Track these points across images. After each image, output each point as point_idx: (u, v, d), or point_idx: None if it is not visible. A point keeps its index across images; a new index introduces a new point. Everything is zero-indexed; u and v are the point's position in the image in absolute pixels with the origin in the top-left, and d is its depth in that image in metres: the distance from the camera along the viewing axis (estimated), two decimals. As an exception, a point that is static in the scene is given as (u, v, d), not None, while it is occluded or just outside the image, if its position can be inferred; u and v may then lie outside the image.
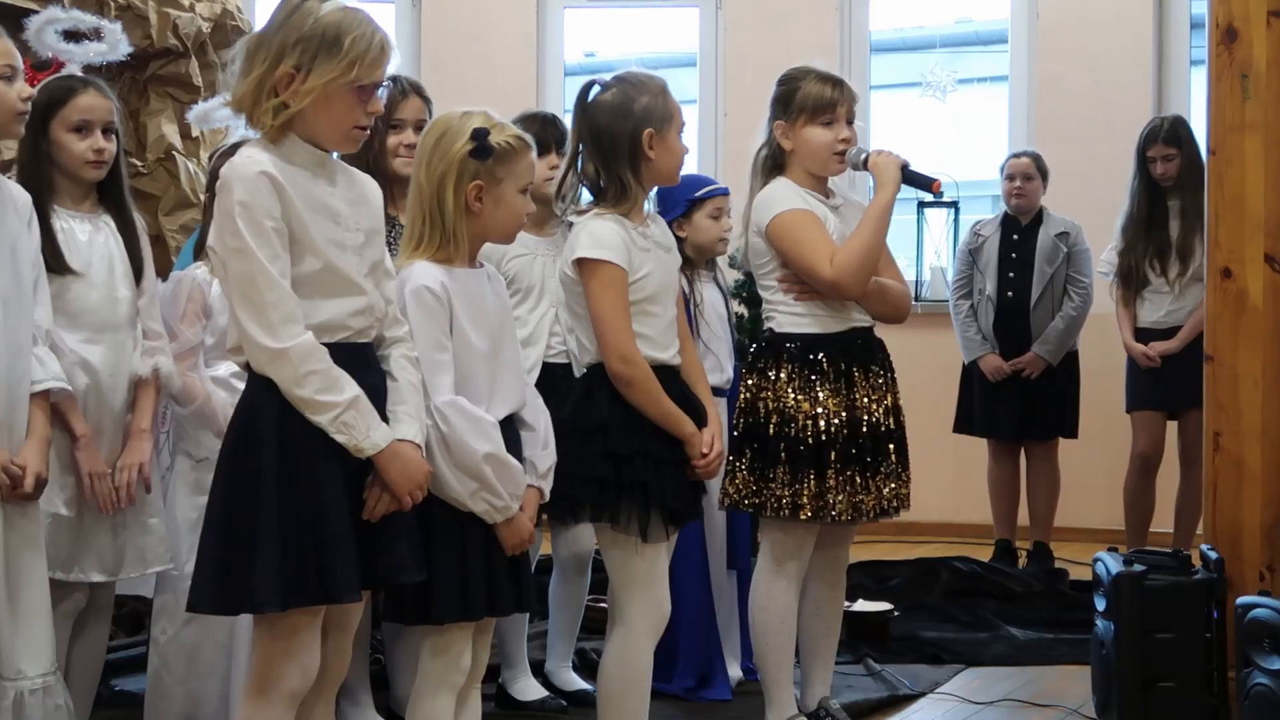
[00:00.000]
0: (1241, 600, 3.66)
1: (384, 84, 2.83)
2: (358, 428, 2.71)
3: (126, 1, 5.09)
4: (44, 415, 3.15)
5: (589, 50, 9.69)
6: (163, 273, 3.99)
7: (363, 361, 2.81)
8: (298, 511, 2.67)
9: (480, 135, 3.00)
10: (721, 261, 4.68)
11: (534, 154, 3.12)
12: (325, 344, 2.73)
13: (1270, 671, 3.48)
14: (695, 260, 4.45)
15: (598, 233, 3.33)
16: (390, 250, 3.10)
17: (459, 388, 2.95)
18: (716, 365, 4.39)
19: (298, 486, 2.67)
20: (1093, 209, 6.64)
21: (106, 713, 3.88)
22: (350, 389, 2.71)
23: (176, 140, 5.23)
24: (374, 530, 2.76)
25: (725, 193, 4.47)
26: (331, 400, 2.69)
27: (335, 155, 2.95)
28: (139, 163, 5.10)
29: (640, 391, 3.33)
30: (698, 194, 4.43)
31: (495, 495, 2.94)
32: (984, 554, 6.43)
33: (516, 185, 3.06)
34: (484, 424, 2.93)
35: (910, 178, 3.87)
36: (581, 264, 3.33)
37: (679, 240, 4.39)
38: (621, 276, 3.32)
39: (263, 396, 2.71)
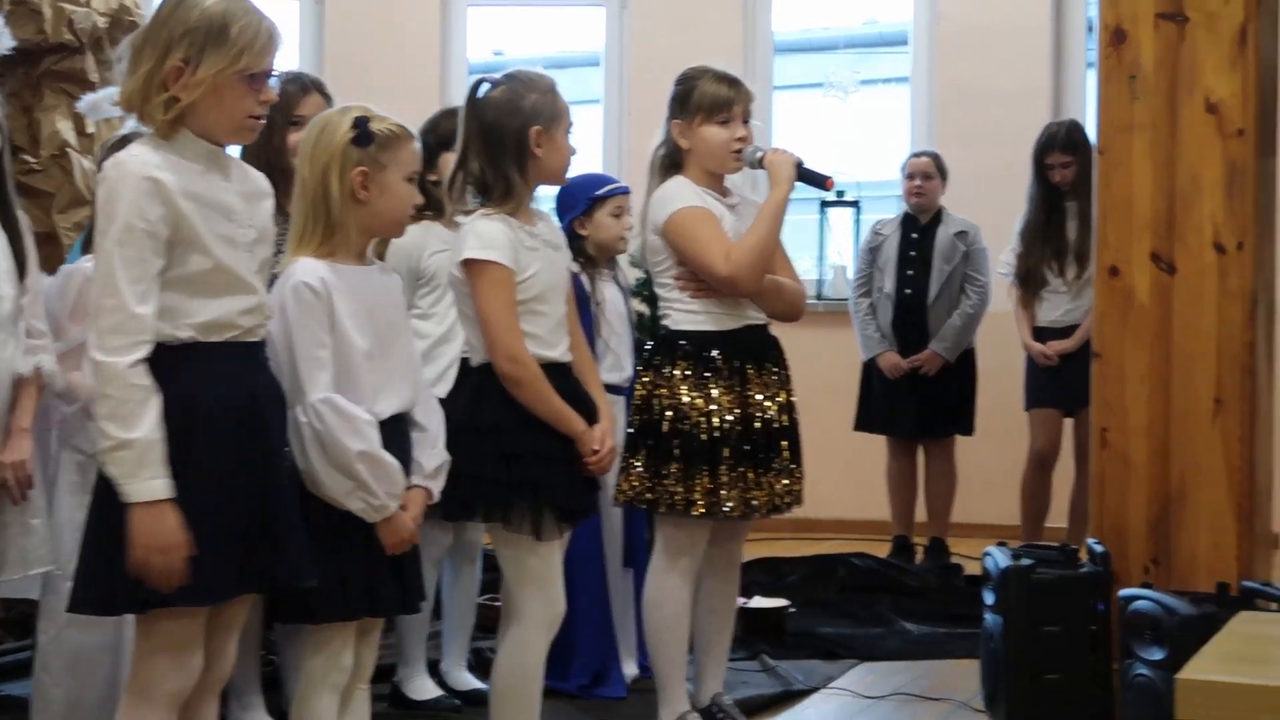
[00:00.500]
0: (1124, 592, 3.72)
1: (274, 73, 2.82)
2: (125, 468, 2.60)
3: (18, -4, 5.03)
4: None
5: (497, 49, 9.67)
6: (56, 270, 3.94)
7: (252, 361, 2.79)
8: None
9: (361, 123, 3.01)
10: (623, 260, 4.69)
11: (417, 144, 3.12)
12: (215, 342, 2.71)
13: (1151, 662, 3.53)
14: (597, 259, 4.47)
15: (484, 233, 3.33)
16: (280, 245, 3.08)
17: (340, 385, 2.94)
18: (616, 364, 4.41)
19: (177, 484, 2.63)
20: (991, 209, 6.72)
21: (-8, 717, 3.83)
22: (140, 430, 2.59)
23: (71, 137, 5.17)
24: (266, 531, 2.73)
25: (626, 191, 4.50)
26: (113, 432, 2.60)
27: (238, 150, 2.93)
28: (32, 159, 5.03)
29: (529, 391, 3.33)
30: (599, 193, 4.46)
31: (371, 494, 2.93)
32: (882, 550, 6.49)
33: (401, 172, 3.06)
34: (359, 422, 2.92)
35: (804, 175, 3.90)
36: (468, 265, 3.33)
37: (580, 239, 4.43)
38: (508, 276, 3.32)
39: None
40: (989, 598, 4.12)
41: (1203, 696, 2.46)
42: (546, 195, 4.11)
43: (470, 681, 4.43)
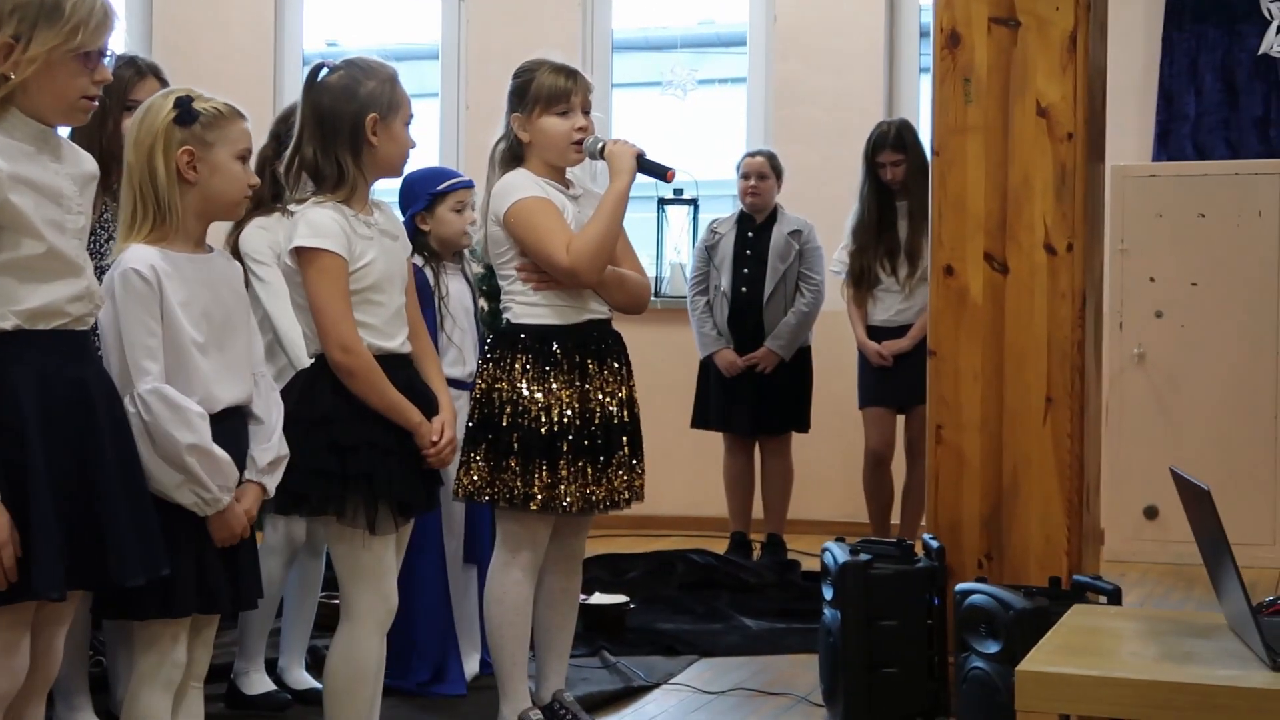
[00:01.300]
0: (960, 587, 3.78)
1: (109, 53, 2.74)
2: None
3: None
4: None
5: (331, 40, 9.53)
6: None
7: (80, 350, 2.71)
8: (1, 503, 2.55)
9: (183, 102, 2.94)
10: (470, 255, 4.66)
11: (246, 122, 3.03)
12: (41, 330, 2.63)
13: (985, 655, 3.60)
14: (440, 253, 4.43)
15: (315, 221, 3.28)
16: (111, 231, 3.00)
17: (170, 376, 2.86)
18: (459, 358, 4.38)
19: (2, 478, 2.54)
20: (827, 208, 6.82)
21: None
22: None
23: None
24: (94, 526, 2.65)
25: (469, 185, 4.47)
26: None
27: (67, 131, 2.84)
28: None
29: (362, 381, 3.28)
30: (440, 187, 4.44)
31: (203, 488, 2.86)
32: (720, 546, 6.53)
33: (231, 151, 2.98)
34: (189, 413, 2.84)
35: (645, 166, 3.90)
36: (299, 253, 3.28)
37: (423, 233, 4.38)
38: (340, 265, 3.27)
39: None
40: (828, 592, 4.16)
41: (1040, 688, 2.51)
42: (389, 188, 4.06)
43: (307, 680, 4.35)
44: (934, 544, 4.18)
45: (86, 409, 2.68)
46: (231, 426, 2.96)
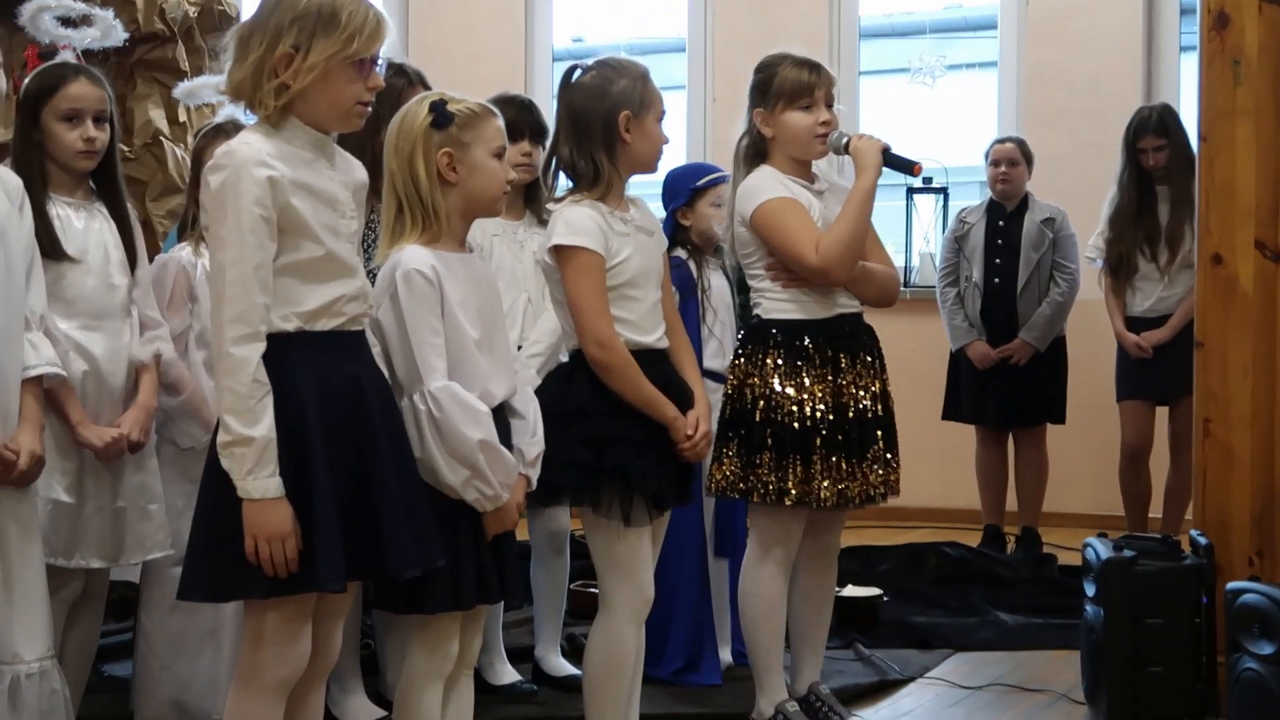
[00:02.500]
0: (1231, 585, 3.67)
1: (381, 60, 2.82)
2: (245, 464, 2.62)
3: (114, -15, 5.06)
4: (36, 400, 3.11)
5: (576, 36, 9.67)
6: (151, 258, 3.98)
7: (355, 350, 2.81)
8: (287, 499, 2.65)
9: (437, 106, 3.00)
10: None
11: (500, 121, 3.09)
12: (319, 332, 2.73)
13: (1260, 656, 3.48)
14: (702, 248, 4.45)
15: (573, 219, 3.33)
16: (370, 239, 3.09)
17: (452, 374, 2.94)
18: (720, 350, 4.39)
19: (287, 474, 2.65)
20: (1079, 194, 6.65)
21: (96, 698, 3.87)
22: (260, 427, 2.63)
23: (163, 125, 5.21)
24: (374, 519, 2.74)
25: (728, 179, 4.47)
26: (236, 427, 2.62)
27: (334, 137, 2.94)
28: (126, 148, 5.07)
29: (619, 377, 3.32)
30: (700, 183, 4.47)
31: (487, 484, 2.92)
32: (972, 539, 6.44)
33: (487, 149, 3.04)
34: (478, 412, 2.91)
35: (891, 161, 3.86)
36: (558, 251, 3.33)
37: (684, 229, 4.42)
38: (598, 262, 3.31)
39: None
40: (1090, 589, 4.07)
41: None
42: (648, 184, 4.11)
43: (565, 667, 4.43)
44: (1202, 541, 4.06)
45: (363, 406, 2.77)
46: (500, 422, 3.02)
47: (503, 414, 3.07)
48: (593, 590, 5.02)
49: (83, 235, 3.45)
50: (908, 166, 3.88)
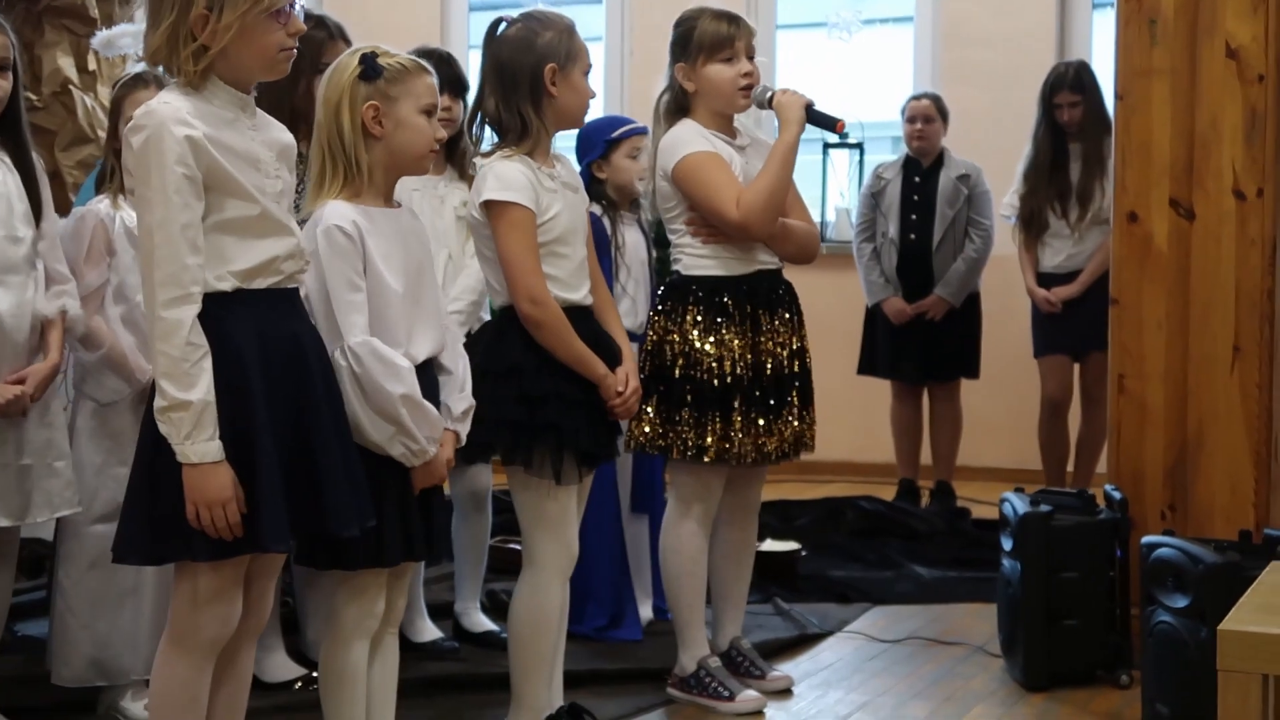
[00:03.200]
0: (1146, 539, 3.72)
1: (300, 4, 2.77)
2: (182, 429, 2.57)
3: (19, -69, 4.94)
4: None
5: (490, -14, 9.57)
6: (61, 210, 3.90)
7: (291, 308, 2.77)
8: (228, 460, 2.61)
9: (367, 59, 2.97)
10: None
11: (432, 78, 3.06)
12: (256, 289, 2.69)
13: (1173, 610, 3.54)
14: (618, 202, 4.43)
15: (504, 174, 3.30)
16: (300, 192, 3.05)
17: (375, 329, 2.91)
18: (632, 309, 4.38)
19: (228, 434, 2.61)
20: (994, 151, 6.70)
21: (10, 657, 3.83)
22: (197, 391, 2.57)
23: (73, 74, 5.10)
24: (316, 477, 2.71)
25: (644, 131, 4.45)
26: (171, 392, 2.57)
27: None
28: (34, 97, 4.95)
29: (551, 333, 3.31)
30: (615, 134, 4.43)
31: (411, 439, 2.90)
32: (888, 493, 6.51)
33: (415, 105, 3.01)
34: (398, 367, 2.89)
35: (815, 118, 3.86)
36: (489, 206, 3.30)
37: (599, 182, 4.39)
38: (529, 218, 3.29)
39: None
40: (1007, 543, 4.12)
41: (1244, 648, 2.45)
42: (562, 139, 4.08)
43: (484, 623, 4.43)
44: (1116, 495, 4.12)
45: (302, 364, 2.74)
46: (427, 378, 3.00)
47: (431, 370, 3.05)
48: (512, 547, 5.03)
49: None
50: (831, 124, 3.88)
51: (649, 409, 3.81)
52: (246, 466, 2.62)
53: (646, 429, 3.82)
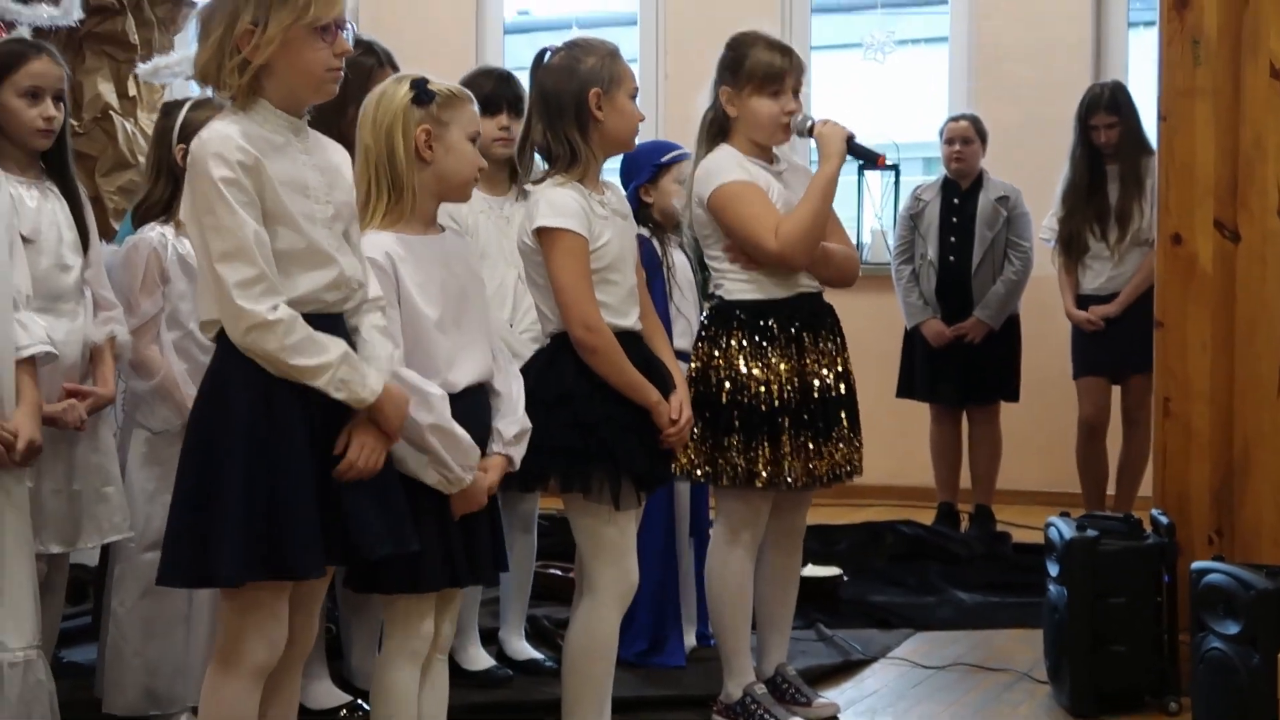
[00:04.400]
0: (1196, 565, 3.69)
1: (346, 25, 2.78)
2: (354, 380, 2.69)
3: (60, -42, 4.96)
4: (32, 381, 3.07)
5: (523, 9, 9.59)
6: (102, 235, 3.91)
7: (333, 331, 2.77)
8: (263, 485, 2.62)
9: (419, 83, 2.99)
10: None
11: (476, 106, 3.08)
12: (304, 315, 2.69)
13: (1225, 636, 3.51)
14: (665, 225, 4.42)
15: (556, 201, 3.30)
16: None
17: (410, 358, 2.91)
18: (687, 329, 4.37)
19: (264, 459, 2.62)
20: (1032, 170, 6.67)
21: (58, 684, 3.81)
22: (336, 345, 2.69)
23: (113, 99, 5.12)
24: (348, 501, 2.71)
25: (690, 156, 4.44)
26: (324, 361, 2.66)
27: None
28: (75, 123, 4.96)
29: (605, 360, 3.30)
30: (664, 159, 4.42)
31: (445, 467, 2.90)
32: (926, 517, 6.47)
33: (464, 131, 3.03)
34: (428, 395, 2.89)
35: (855, 150, 3.84)
36: (541, 233, 3.30)
37: (646, 206, 4.38)
38: (582, 245, 3.29)
39: (233, 368, 2.67)
40: (1053, 568, 4.09)
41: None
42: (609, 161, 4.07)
43: (527, 651, 4.41)
44: (1163, 520, 4.08)
45: None
46: (475, 402, 3.00)
47: (481, 394, 3.04)
48: (553, 572, 5.03)
49: (35, 215, 3.39)
50: (872, 158, 3.86)
51: (695, 435, 3.79)
52: (282, 491, 2.63)
53: (692, 454, 3.79)
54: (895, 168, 7.15)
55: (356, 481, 2.74)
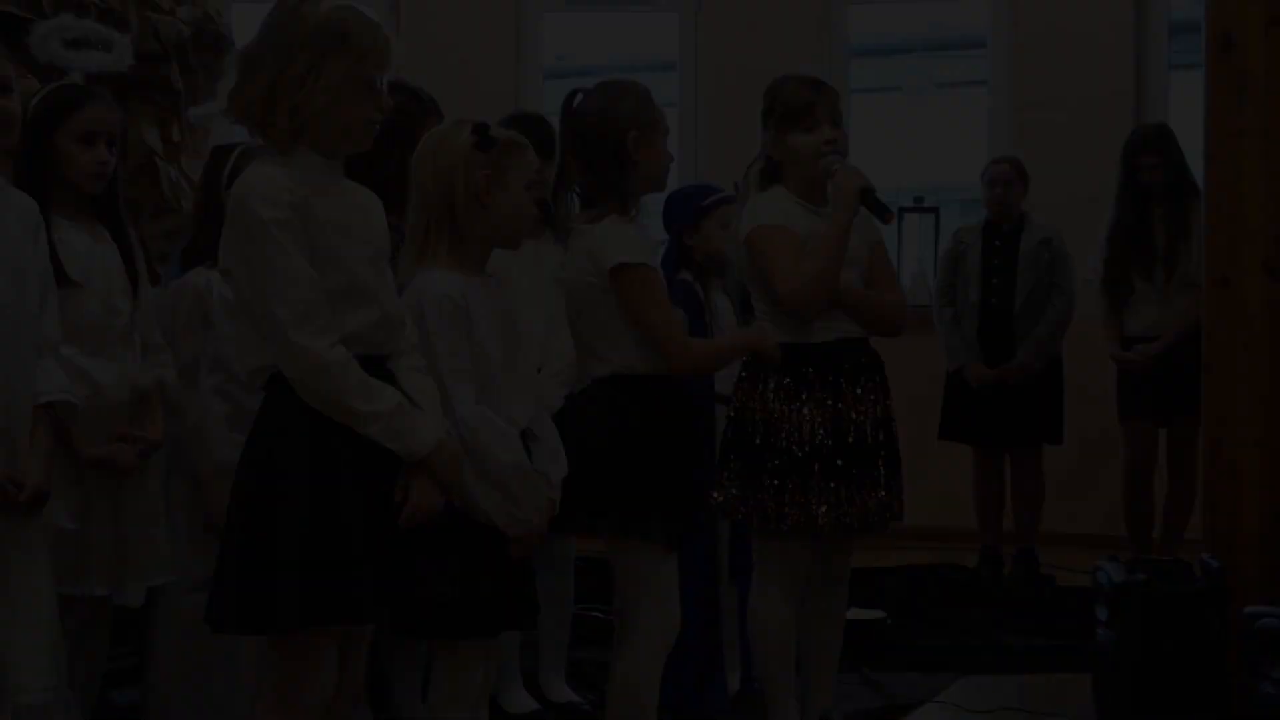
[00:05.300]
0: (1249, 610, 3.66)
1: (387, 79, 2.79)
2: (408, 431, 2.70)
3: (107, 5, 5.01)
4: (47, 429, 3.06)
5: (560, 53, 9.61)
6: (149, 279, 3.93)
7: (379, 375, 2.77)
8: (319, 529, 2.62)
9: (482, 129, 2.99)
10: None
11: (532, 154, 3.09)
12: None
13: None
14: (707, 269, 4.40)
15: (626, 237, 3.32)
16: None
17: (478, 398, 2.91)
18: (727, 373, 4.34)
19: (320, 503, 2.62)
20: (1074, 211, 6.64)
21: (104, 726, 3.83)
22: (392, 395, 2.70)
23: (157, 144, 5.16)
24: (398, 545, 2.71)
25: (733, 200, 4.43)
26: (377, 410, 2.67)
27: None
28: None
29: (707, 365, 3.59)
30: (705, 203, 4.40)
31: (519, 507, 2.90)
32: (968, 560, 6.42)
33: (521, 178, 3.03)
34: (509, 435, 2.90)
35: (868, 202, 3.76)
36: (621, 270, 3.29)
37: (687, 249, 4.37)
38: (660, 277, 3.35)
39: (286, 411, 2.67)
40: (1103, 613, 4.06)
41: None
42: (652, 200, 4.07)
43: (567, 694, 4.39)
44: (1213, 564, 4.04)
45: None
46: (524, 445, 2.99)
47: (524, 438, 3.04)
48: (591, 614, 5.00)
49: (85, 258, 3.40)
50: (882, 213, 3.81)
51: (731, 476, 3.77)
52: (337, 536, 2.63)
53: (730, 496, 3.77)
54: (936, 209, 7.22)
55: (415, 526, 2.73)
